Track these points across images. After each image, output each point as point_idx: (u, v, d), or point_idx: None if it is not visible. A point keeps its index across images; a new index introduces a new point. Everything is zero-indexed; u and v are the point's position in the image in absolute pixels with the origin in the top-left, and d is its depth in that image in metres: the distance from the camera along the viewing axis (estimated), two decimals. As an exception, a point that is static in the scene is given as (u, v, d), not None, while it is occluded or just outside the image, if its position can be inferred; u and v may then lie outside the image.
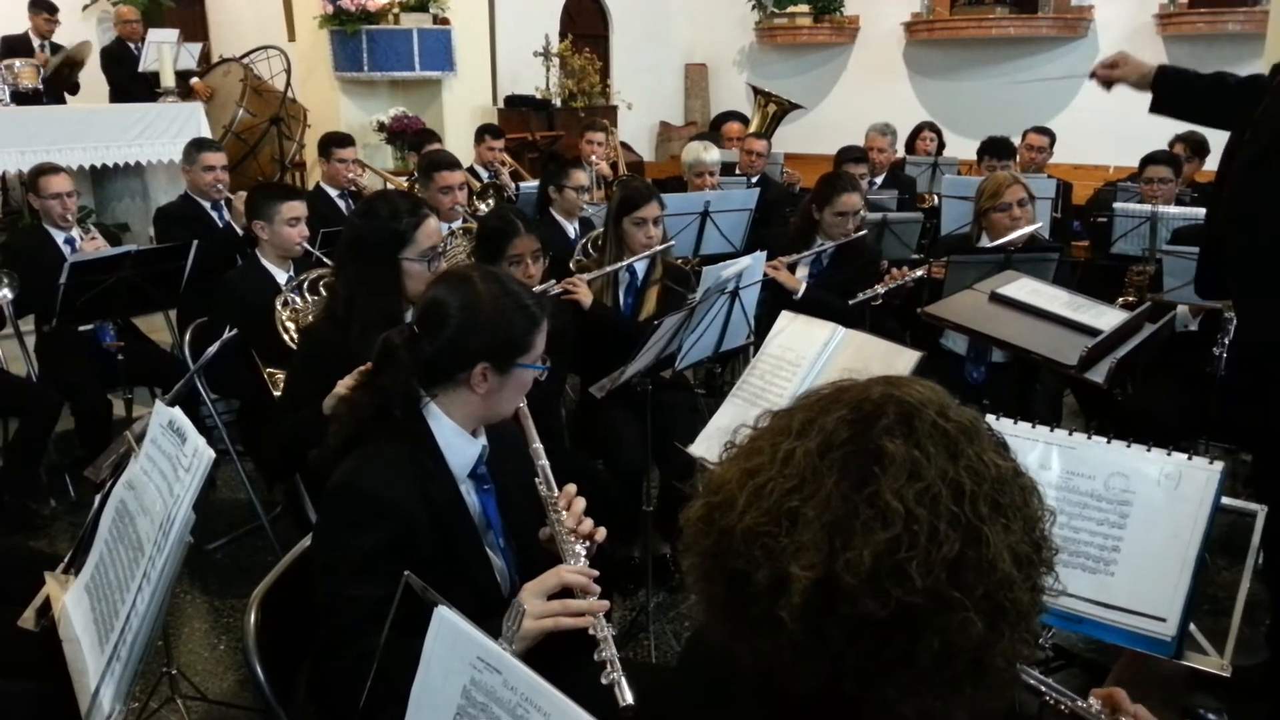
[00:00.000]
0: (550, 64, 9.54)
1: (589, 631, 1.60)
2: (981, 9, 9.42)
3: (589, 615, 1.62)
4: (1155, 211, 4.54)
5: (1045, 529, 1.01)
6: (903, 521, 0.91)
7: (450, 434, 1.87)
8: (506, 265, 3.19)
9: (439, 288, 1.94)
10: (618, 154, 7.57)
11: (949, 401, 1.02)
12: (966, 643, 0.91)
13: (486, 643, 1.27)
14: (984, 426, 1.02)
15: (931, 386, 1.05)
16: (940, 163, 6.81)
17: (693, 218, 4.59)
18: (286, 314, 3.53)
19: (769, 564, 0.95)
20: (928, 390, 1.03)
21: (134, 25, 7.88)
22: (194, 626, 3.49)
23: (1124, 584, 1.70)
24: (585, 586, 1.67)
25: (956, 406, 1.02)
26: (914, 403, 0.99)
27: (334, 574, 1.73)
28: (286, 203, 3.78)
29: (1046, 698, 1.27)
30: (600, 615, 1.63)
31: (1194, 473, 1.73)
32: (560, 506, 1.83)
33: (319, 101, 8.56)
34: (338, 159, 5.63)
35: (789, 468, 0.98)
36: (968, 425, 0.99)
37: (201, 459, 1.50)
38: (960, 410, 1.01)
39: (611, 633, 1.57)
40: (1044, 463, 1.82)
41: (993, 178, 4.11)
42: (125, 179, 6.43)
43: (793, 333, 2.58)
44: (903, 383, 1.04)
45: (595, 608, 1.63)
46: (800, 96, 9.20)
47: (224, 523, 4.17)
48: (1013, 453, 1.03)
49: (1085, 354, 2.49)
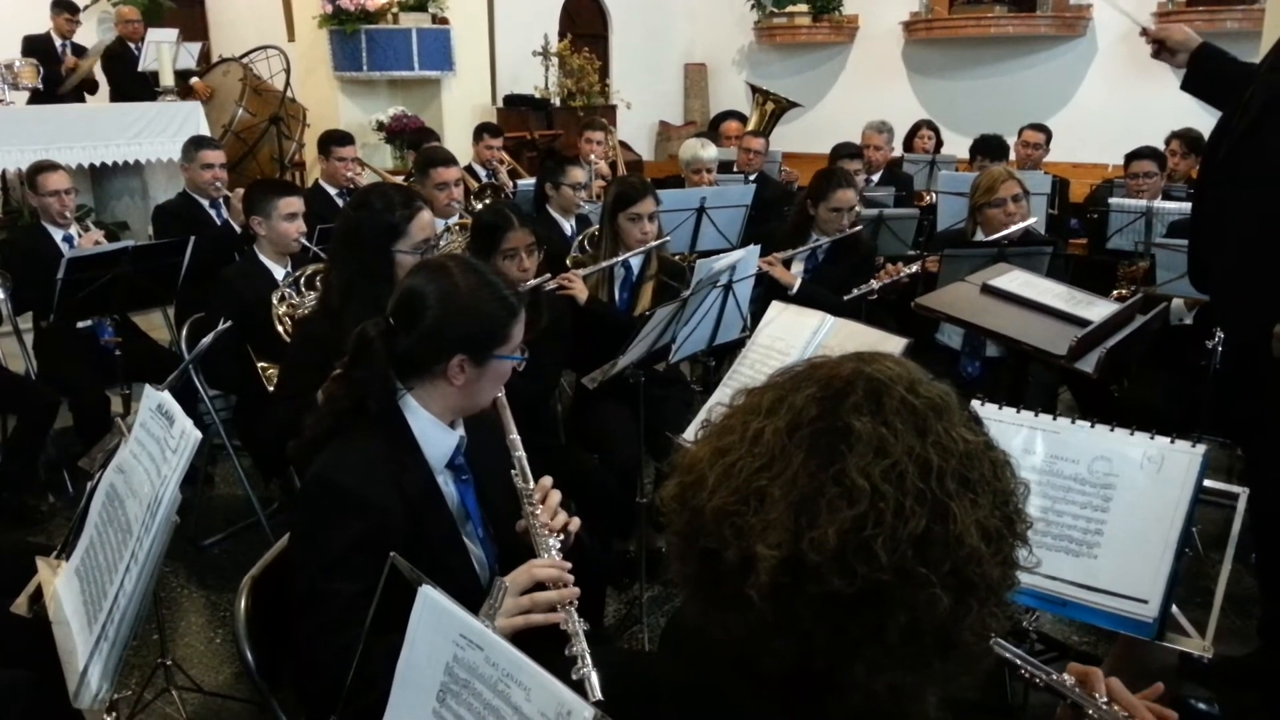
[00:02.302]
0: (549, 63, 9.57)
1: (560, 626, 1.59)
2: (980, 8, 9.43)
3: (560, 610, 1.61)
4: (1150, 206, 4.56)
5: (1018, 503, 1.01)
6: (869, 499, 0.91)
7: (427, 425, 1.87)
8: (501, 259, 3.20)
9: (415, 278, 1.92)
10: (616, 153, 7.58)
11: (920, 377, 1.02)
12: (933, 618, 0.91)
13: (468, 620, 1.29)
14: (954, 402, 1.01)
15: (902, 362, 1.04)
16: (938, 161, 6.82)
17: (689, 214, 4.60)
18: (283, 309, 3.54)
19: (737, 543, 0.95)
20: (898, 366, 1.02)
21: (135, 25, 7.91)
22: (190, 620, 3.51)
23: (1107, 567, 1.71)
24: (557, 579, 1.66)
25: (928, 382, 1.01)
26: (883, 379, 0.99)
27: (309, 568, 1.73)
28: (283, 198, 3.80)
29: (1022, 670, 1.27)
30: (571, 608, 1.62)
31: (1176, 456, 1.75)
32: (535, 499, 1.82)
33: (318, 101, 8.58)
34: (337, 157, 5.64)
35: (758, 446, 0.98)
36: (937, 401, 0.99)
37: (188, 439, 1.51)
38: (931, 386, 1.01)
39: (583, 627, 1.56)
40: (1028, 447, 1.83)
41: (987, 173, 4.13)
42: (124, 178, 6.46)
43: (782, 322, 2.60)
44: (874, 359, 1.03)
45: (564, 596, 1.63)
46: (800, 95, 9.22)
47: (221, 518, 4.19)
48: (985, 427, 1.03)
49: (1074, 344, 2.50)
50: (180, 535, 3.87)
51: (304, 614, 1.71)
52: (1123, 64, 8.99)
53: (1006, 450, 1.03)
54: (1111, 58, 9.08)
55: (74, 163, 5.69)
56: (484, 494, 1.96)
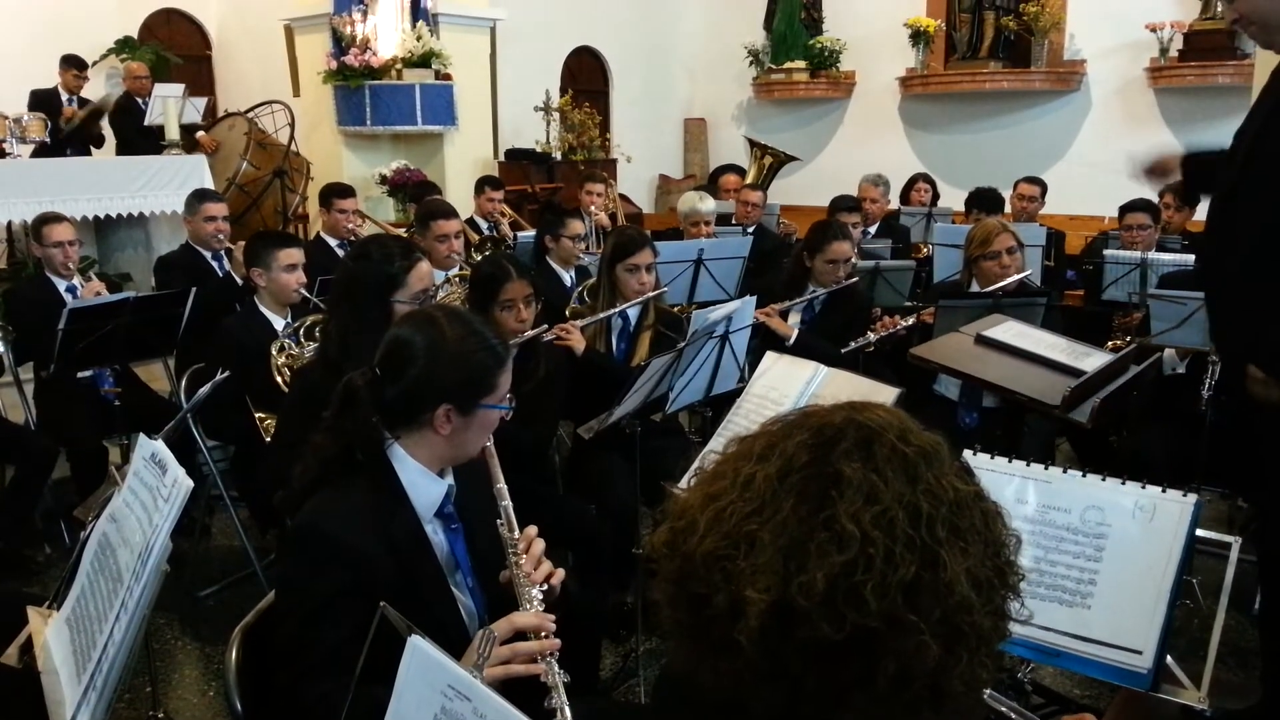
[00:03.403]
0: (551, 118, 9.69)
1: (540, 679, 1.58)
2: (975, 63, 9.57)
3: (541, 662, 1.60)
4: (1144, 257, 4.60)
5: (1010, 554, 1.01)
6: (858, 545, 0.91)
7: (415, 475, 1.86)
8: (499, 309, 3.23)
9: (403, 328, 1.92)
10: (616, 205, 7.67)
11: (911, 426, 1.02)
12: (923, 666, 0.91)
13: (457, 670, 1.29)
14: (945, 451, 1.02)
15: (894, 411, 1.04)
16: (934, 213, 6.88)
17: (686, 265, 4.65)
18: (283, 359, 3.56)
19: (727, 587, 0.95)
20: (889, 415, 1.03)
21: (143, 81, 8.05)
22: (184, 673, 3.48)
23: (1100, 617, 1.70)
24: (538, 628, 1.65)
25: (918, 431, 1.02)
26: (874, 427, 0.99)
27: (293, 616, 1.72)
28: (284, 250, 3.83)
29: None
30: (552, 659, 1.61)
31: (1168, 506, 1.75)
32: (520, 549, 1.81)
33: (322, 154, 8.68)
34: (338, 209, 5.69)
35: (749, 491, 0.98)
36: (928, 449, 0.99)
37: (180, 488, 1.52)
38: (921, 435, 1.01)
39: (563, 679, 1.55)
40: (1021, 497, 1.83)
41: (981, 226, 4.17)
42: (129, 229, 6.51)
43: (777, 372, 2.61)
44: (866, 408, 1.04)
45: (544, 647, 1.61)
46: (798, 149, 9.33)
47: (218, 569, 4.17)
48: (976, 478, 1.03)
49: (1068, 394, 2.51)
50: (176, 587, 3.89)
51: (288, 661, 1.70)
52: (1117, 117, 9.12)
53: (999, 500, 1.03)
54: (1105, 111, 9.21)
55: (79, 214, 5.74)
56: (474, 543, 1.95)
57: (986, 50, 9.54)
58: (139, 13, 9.37)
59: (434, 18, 8.69)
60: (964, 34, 9.69)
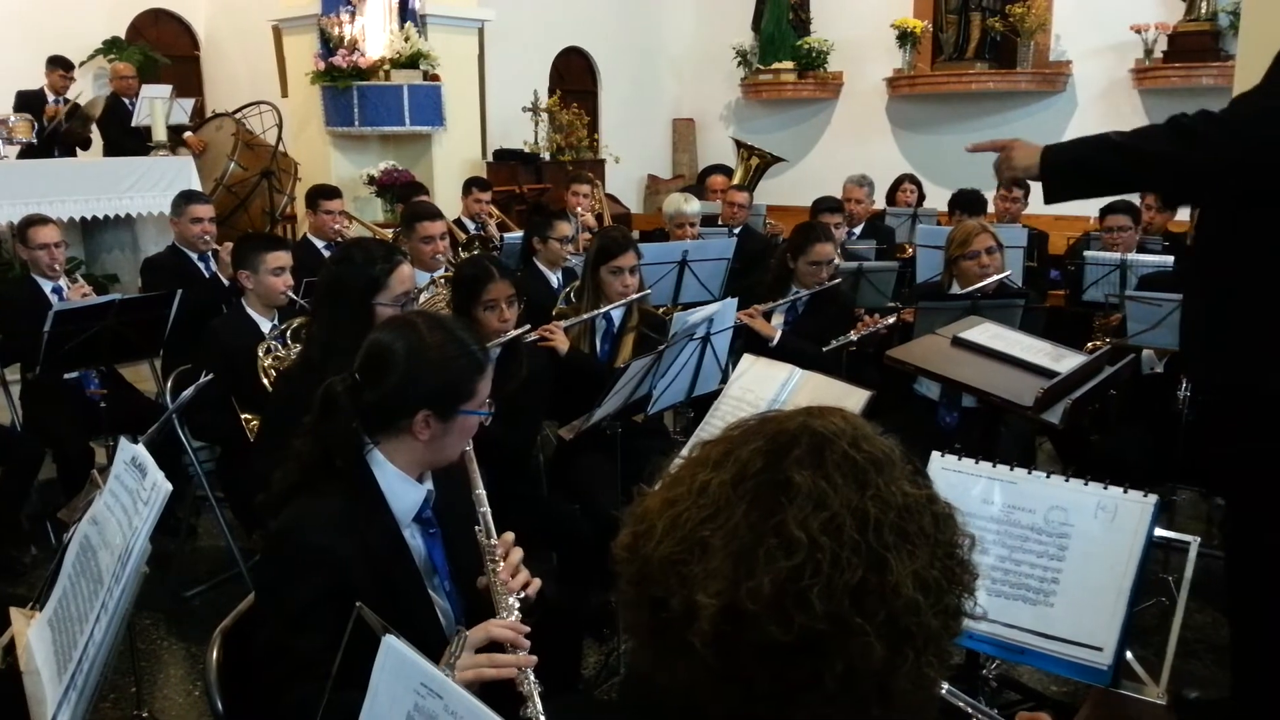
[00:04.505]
0: (539, 119, 9.72)
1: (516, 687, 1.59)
2: (962, 64, 9.63)
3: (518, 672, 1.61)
4: (1124, 259, 4.64)
5: (963, 555, 1.03)
6: (806, 550, 0.93)
7: (394, 480, 1.87)
8: (482, 310, 3.25)
9: (383, 334, 1.93)
10: (603, 205, 7.69)
11: (865, 432, 1.04)
12: (869, 666, 0.93)
13: (429, 669, 1.31)
14: (898, 456, 1.04)
15: (850, 418, 1.07)
16: (919, 214, 6.92)
17: (671, 267, 4.68)
18: (269, 361, 3.58)
19: (681, 591, 0.97)
20: (844, 422, 1.05)
21: (130, 81, 8.03)
22: (169, 673, 3.50)
23: (1063, 615, 1.74)
24: (514, 641, 1.67)
25: (872, 437, 1.04)
26: (827, 434, 1.02)
27: (273, 622, 1.74)
28: (272, 253, 3.85)
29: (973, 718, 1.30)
30: (529, 671, 1.62)
31: (1129, 505, 1.78)
32: (498, 555, 1.83)
33: (310, 155, 8.69)
34: (324, 210, 5.71)
35: (704, 498, 1.01)
36: (879, 455, 1.01)
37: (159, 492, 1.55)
38: (875, 440, 1.04)
39: (538, 689, 1.57)
40: (987, 497, 1.86)
41: (961, 226, 4.21)
42: (115, 231, 6.51)
43: (753, 375, 2.64)
44: (822, 414, 1.06)
45: (522, 662, 1.63)
46: (786, 150, 9.37)
47: (204, 570, 4.18)
48: (930, 482, 1.06)
49: (1041, 395, 2.54)
50: (162, 587, 3.91)
51: (268, 666, 1.72)
52: (1101, 119, 9.15)
53: (966, 500, 1.05)
54: (1091, 113, 9.27)
55: (65, 216, 5.76)
56: (452, 547, 1.96)
57: (973, 51, 9.60)
58: (126, 13, 9.36)
59: (422, 19, 8.70)
60: (950, 35, 9.75)
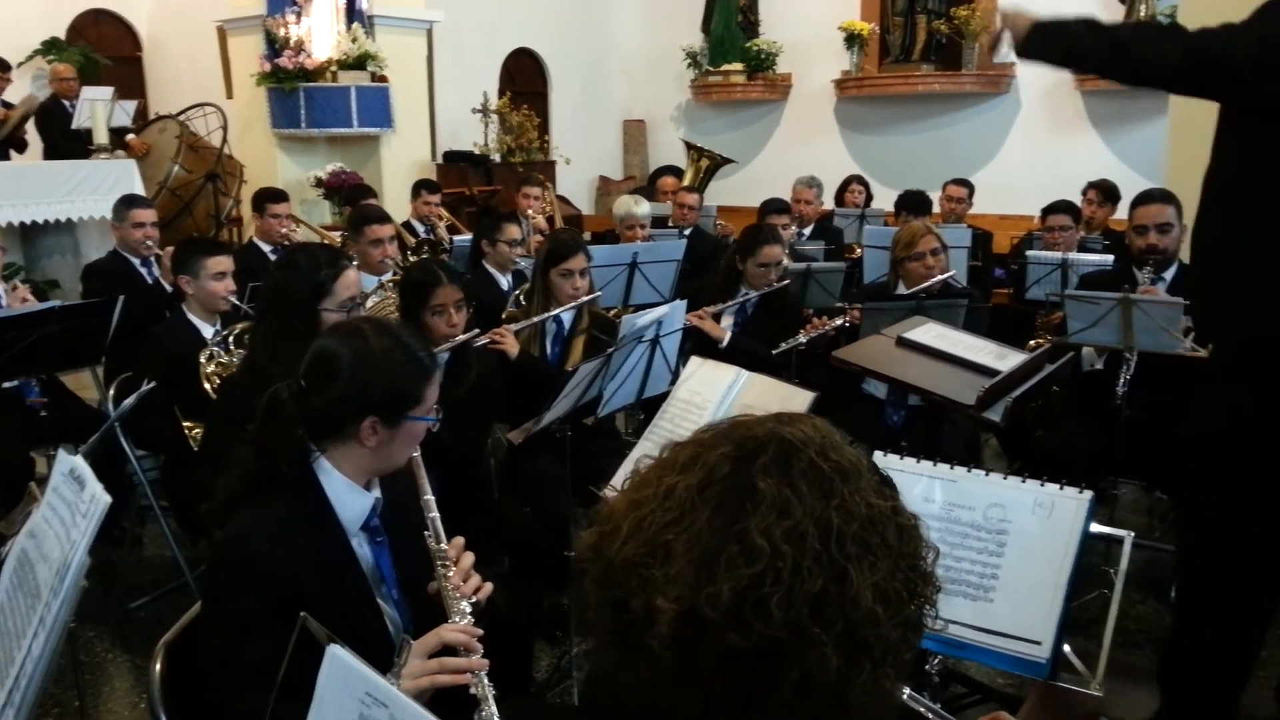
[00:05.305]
0: (489, 120, 9.68)
1: (470, 691, 1.59)
2: (908, 66, 9.76)
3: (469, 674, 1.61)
4: (1066, 258, 4.74)
5: (926, 566, 1.03)
6: (768, 559, 0.93)
7: (341, 488, 1.86)
8: (430, 315, 3.24)
9: (329, 339, 1.92)
10: (554, 208, 7.68)
11: (834, 441, 1.04)
12: (825, 676, 0.93)
13: (374, 678, 1.31)
14: (865, 467, 1.03)
15: (820, 426, 1.06)
16: (867, 214, 7.00)
17: (621, 269, 4.69)
18: (212, 368, 3.54)
19: (643, 594, 0.98)
20: (813, 430, 1.04)
21: (70, 83, 7.85)
22: (114, 686, 3.44)
23: (1002, 610, 1.78)
24: (467, 645, 1.66)
25: (840, 446, 1.03)
26: (795, 441, 1.01)
27: (219, 634, 1.72)
28: (212, 257, 3.80)
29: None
30: (482, 674, 1.62)
31: (1065, 502, 1.83)
32: (449, 560, 1.82)
33: (257, 158, 8.59)
34: (271, 214, 5.64)
35: (669, 501, 1.01)
36: (845, 465, 1.01)
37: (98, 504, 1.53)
38: (843, 450, 1.03)
39: (492, 693, 1.56)
40: (928, 495, 1.90)
41: (907, 228, 4.27)
42: (56, 235, 6.39)
43: (700, 377, 2.67)
44: (792, 421, 1.06)
45: (475, 666, 1.62)
46: (736, 151, 9.43)
47: (149, 580, 4.12)
48: (896, 492, 1.05)
49: (982, 394, 2.59)
50: (107, 598, 3.84)
51: (215, 678, 1.70)
52: (1045, 120, 9.37)
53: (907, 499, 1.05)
54: (1034, 114, 9.45)
55: (3, 221, 5.64)
56: (399, 556, 1.95)
57: (919, 53, 9.73)
58: (66, 13, 9.17)
59: (369, 19, 8.64)
60: (897, 37, 9.87)
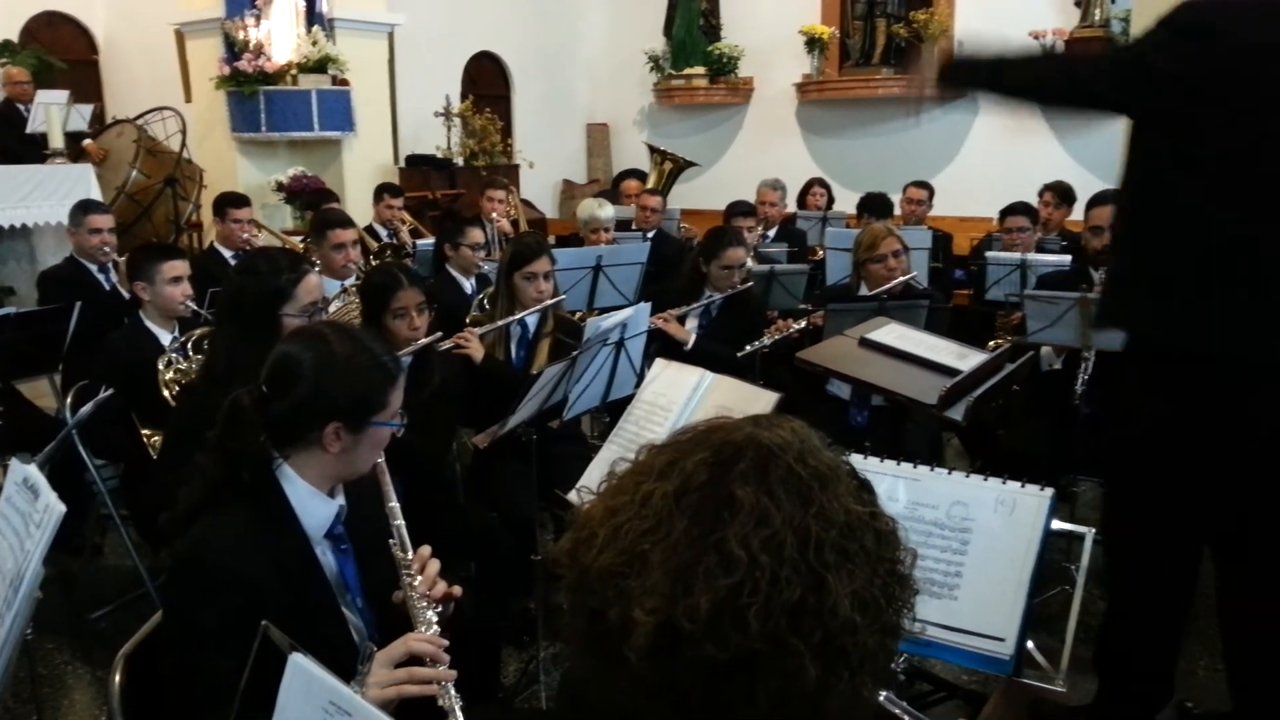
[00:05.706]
0: (451, 124, 9.64)
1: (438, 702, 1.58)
2: (868, 70, 9.84)
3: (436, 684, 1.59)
4: (1024, 259, 4.80)
5: (904, 570, 1.02)
6: (745, 569, 0.92)
7: (304, 495, 1.83)
8: (391, 318, 3.22)
9: (291, 344, 1.89)
10: (518, 211, 7.66)
11: (812, 446, 1.02)
12: (803, 686, 0.92)
13: (338, 686, 1.30)
14: (844, 471, 1.02)
15: (799, 429, 1.05)
16: (829, 217, 7.05)
17: (585, 272, 4.69)
18: (170, 374, 3.49)
19: (619, 604, 0.96)
20: (792, 435, 1.03)
21: (24, 86, 7.71)
22: (74, 698, 3.39)
23: (966, 607, 1.79)
24: (434, 655, 1.65)
25: (819, 451, 1.02)
26: (773, 447, 1.00)
27: (181, 645, 1.69)
28: (167, 262, 3.74)
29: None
30: (449, 685, 1.60)
31: (1026, 499, 1.85)
32: (414, 569, 1.80)
33: (216, 162, 8.49)
34: (232, 219, 5.57)
35: (646, 509, 0.99)
36: (824, 471, 1.00)
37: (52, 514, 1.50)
38: (821, 455, 1.02)
39: (459, 704, 1.55)
40: (891, 494, 1.91)
41: (868, 230, 4.31)
42: (11, 241, 6.30)
43: (665, 379, 2.67)
44: (771, 424, 1.04)
45: (442, 677, 1.61)
46: (699, 155, 9.46)
47: (110, 590, 4.05)
48: (875, 497, 1.04)
49: (944, 393, 2.61)
50: (66, 608, 3.77)
51: (178, 689, 1.68)
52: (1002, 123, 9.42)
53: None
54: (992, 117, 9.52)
55: (-44, 227, 5.55)
56: (364, 563, 1.93)
57: (879, 57, 9.81)
58: (19, 15, 9.00)
59: (330, 23, 8.58)
60: (857, 41, 9.95)
